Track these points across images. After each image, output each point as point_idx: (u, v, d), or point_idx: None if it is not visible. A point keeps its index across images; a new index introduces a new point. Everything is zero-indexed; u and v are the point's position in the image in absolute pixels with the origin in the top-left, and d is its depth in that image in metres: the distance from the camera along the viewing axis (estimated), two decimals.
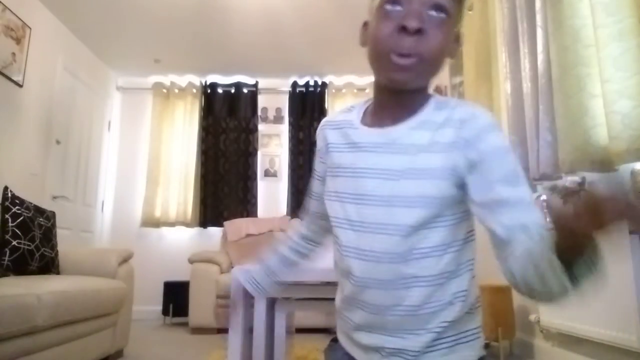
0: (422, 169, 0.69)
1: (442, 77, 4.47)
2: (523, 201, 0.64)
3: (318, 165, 0.90)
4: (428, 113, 0.72)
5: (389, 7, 0.68)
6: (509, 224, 0.63)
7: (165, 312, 4.17)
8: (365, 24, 0.75)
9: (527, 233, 0.61)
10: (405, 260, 0.70)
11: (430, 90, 0.78)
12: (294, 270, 1.02)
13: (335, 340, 0.85)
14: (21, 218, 2.40)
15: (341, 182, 0.77)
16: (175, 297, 4.12)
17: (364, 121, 0.79)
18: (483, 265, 3.46)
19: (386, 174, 0.71)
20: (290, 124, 4.85)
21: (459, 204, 0.71)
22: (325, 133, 0.84)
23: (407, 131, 0.72)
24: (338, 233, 0.77)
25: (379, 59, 0.70)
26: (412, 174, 0.69)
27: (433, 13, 0.66)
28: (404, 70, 0.68)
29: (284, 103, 4.93)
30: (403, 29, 0.66)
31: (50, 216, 2.67)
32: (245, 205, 4.67)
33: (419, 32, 0.65)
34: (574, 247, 0.52)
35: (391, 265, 0.70)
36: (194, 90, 4.88)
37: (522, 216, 0.63)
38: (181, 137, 4.78)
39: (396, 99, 0.74)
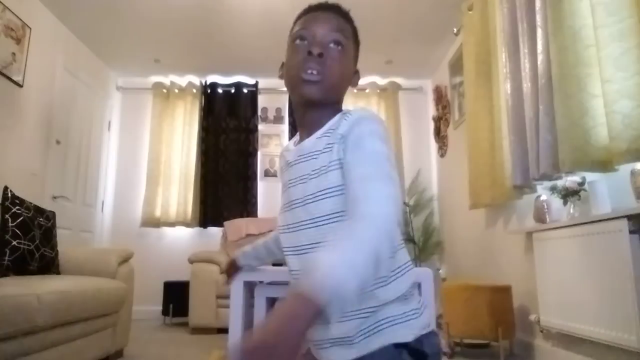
0: (320, 167, 0.83)
1: (442, 77, 4.48)
2: (358, 193, 0.70)
3: None
4: (332, 122, 0.86)
5: (297, 42, 0.87)
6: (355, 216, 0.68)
7: (165, 312, 4.17)
8: (283, 64, 0.93)
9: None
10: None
11: (343, 107, 0.92)
12: (273, 256, 1.24)
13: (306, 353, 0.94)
14: (21, 218, 2.40)
15: (282, 197, 0.93)
16: (175, 297, 4.12)
17: (296, 142, 0.94)
18: (483, 266, 3.45)
19: (301, 179, 0.86)
20: (290, 124, 4.85)
21: None
22: (279, 162, 1.02)
23: (314, 140, 0.87)
24: (281, 238, 0.91)
25: (293, 80, 0.87)
26: (315, 173, 0.83)
27: (332, 45, 0.86)
28: (312, 84, 0.84)
29: (284, 103, 4.93)
30: (309, 54, 0.84)
31: (50, 216, 2.67)
32: (245, 205, 4.67)
33: (321, 55, 0.84)
34: None
35: (313, 255, 0.77)
36: (194, 90, 4.88)
37: (367, 210, 0.67)
38: (181, 137, 4.78)
39: (310, 115, 0.89)
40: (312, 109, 0.88)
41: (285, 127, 4.91)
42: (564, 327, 2.23)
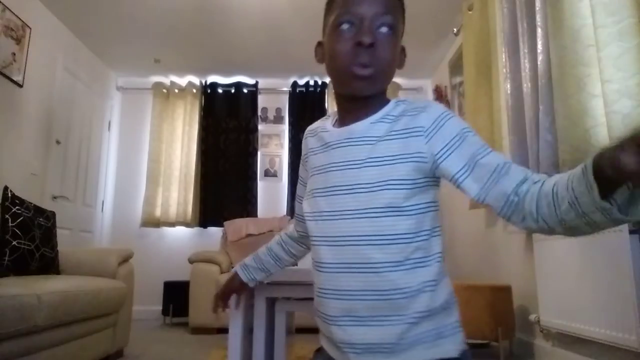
0: (382, 156, 0.76)
1: (442, 77, 4.48)
2: (509, 163, 0.72)
3: (302, 172, 0.96)
4: (387, 109, 0.81)
5: (344, 27, 0.77)
6: (513, 186, 0.69)
7: (165, 312, 4.17)
8: (320, 44, 0.86)
9: (529, 182, 0.69)
10: (371, 244, 0.74)
11: (391, 95, 0.87)
12: (280, 264, 1.10)
13: (318, 350, 0.86)
14: (21, 218, 2.40)
15: (315, 180, 0.84)
16: (175, 297, 4.12)
17: (335, 125, 0.87)
18: (483, 266, 3.45)
19: (350, 164, 0.78)
20: (290, 124, 4.85)
21: (423, 193, 0.77)
22: (307, 141, 0.92)
23: (368, 125, 0.80)
24: (310, 226, 0.82)
25: (341, 72, 0.79)
26: (373, 161, 0.76)
27: (382, 30, 0.77)
28: (364, 79, 0.77)
29: (284, 103, 4.93)
30: (359, 44, 0.75)
31: (50, 216, 2.67)
32: (245, 205, 4.67)
33: (372, 46, 0.75)
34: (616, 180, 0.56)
35: (359, 248, 0.75)
36: (194, 90, 4.88)
37: (518, 174, 0.70)
38: (181, 137, 4.78)
39: (357, 104, 0.82)
40: (361, 99, 0.81)
41: (285, 127, 4.90)
42: (564, 327, 2.23)
